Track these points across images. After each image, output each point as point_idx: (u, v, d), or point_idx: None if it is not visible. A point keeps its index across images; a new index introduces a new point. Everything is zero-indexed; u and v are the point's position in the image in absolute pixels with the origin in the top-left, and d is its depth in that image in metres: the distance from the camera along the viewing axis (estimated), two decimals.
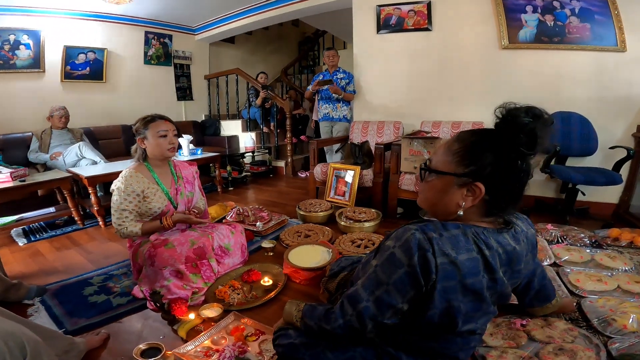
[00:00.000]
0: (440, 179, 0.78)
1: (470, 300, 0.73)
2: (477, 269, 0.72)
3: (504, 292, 0.80)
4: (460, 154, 0.75)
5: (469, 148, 0.74)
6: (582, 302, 1.38)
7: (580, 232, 2.08)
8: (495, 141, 0.72)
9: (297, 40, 7.44)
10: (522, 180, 0.73)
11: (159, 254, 1.62)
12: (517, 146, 0.69)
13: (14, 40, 3.60)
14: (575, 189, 2.57)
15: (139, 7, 4.11)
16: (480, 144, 0.74)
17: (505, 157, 0.71)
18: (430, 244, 0.69)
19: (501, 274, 0.75)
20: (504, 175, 0.72)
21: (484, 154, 0.72)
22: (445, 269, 0.69)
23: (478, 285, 0.72)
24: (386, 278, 0.73)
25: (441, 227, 0.73)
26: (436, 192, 0.79)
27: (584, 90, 2.76)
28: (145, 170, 1.78)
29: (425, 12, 3.27)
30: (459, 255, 0.70)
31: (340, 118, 3.76)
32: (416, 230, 0.71)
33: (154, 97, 4.82)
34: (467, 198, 0.74)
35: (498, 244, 0.75)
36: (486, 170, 0.71)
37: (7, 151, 3.25)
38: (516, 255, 0.78)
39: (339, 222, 2.47)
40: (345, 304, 0.81)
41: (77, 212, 2.79)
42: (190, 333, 1.37)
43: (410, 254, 0.69)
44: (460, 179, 0.74)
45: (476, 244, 0.72)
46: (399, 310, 0.74)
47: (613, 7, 2.59)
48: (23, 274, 1.98)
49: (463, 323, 0.75)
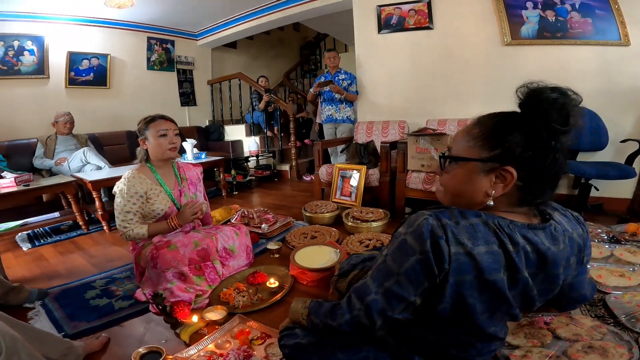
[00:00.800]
0: (463, 167, 0.70)
1: (488, 299, 0.65)
2: (497, 264, 0.63)
3: (530, 297, 0.70)
4: (483, 137, 0.68)
5: (492, 130, 0.67)
6: (607, 298, 1.33)
7: (597, 227, 2.03)
8: (522, 120, 0.65)
9: (298, 45, 7.46)
10: (558, 161, 0.64)
11: (162, 255, 1.58)
12: (548, 123, 0.62)
13: (18, 46, 3.63)
14: (588, 185, 2.52)
15: (140, 12, 4.14)
16: (505, 124, 0.67)
17: (536, 135, 0.63)
18: (443, 231, 0.62)
19: (525, 275, 0.65)
20: (538, 155, 0.63)
21: (511, 134, 0.65)
22: (459, 260, 0.61)
23: (499, 283, 0.63)
24: (396, 267, 0.66)
25: (458, 214, 0.65)
26: (460, 182, 0.71)
27: (590, 85, 2.71)
28: (148, 172, 1.75)
29: (425, 11, 3.25)
30: (477, 246, 0.62)
31: (343, 119, 3.73)
32: (429, 216, 0.64)
33: (158, 103, 4.82)
34: (497, 185, 0.66)
35: (527, 241, 0.66)
36: (515, 151, 0.64)
37: (12, 157, 3.25)
38: (552, 257, 0.68)
39: (346, 222, 2.42)
40: (353, 298, 0.74)
41: (82, 217, 2.77)
42: (194, 337, 1.32)
43: (422, 240, 0.62)
44: (487, 165, 0.66)
45: (498, 237, 0.64)
46: (410, 304, 0.67)
47: (613, 1, 2.57)
48: (25, 278, 1.95)
49: (482, 325, 0.67)
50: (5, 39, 3.54)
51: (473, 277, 0.62)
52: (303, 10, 4.11)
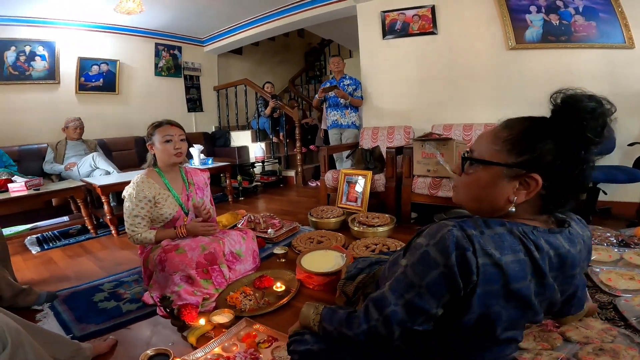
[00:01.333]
0: (486, 171, 0.68)
1: (514, 307, 0.64)
2: (524, 272, 0.62)
3: (554, 300, 0.69)
4: (511, 141, 0.65)
5: (522, 135, 0.65)
6: (617, 302, 1.33)
7: (606, 231, 2.02)
8: (555, 128, 0.63)
9: (303, 51, 7.53)
10: (585, 173, 0.63)
11: (170, 259, 1.59)
12: (583, 132, 0.60)
13: (30, 51, 3.69)
14: (596, 189, 2.50)
15: (149, 18, 4.21)
16: (536, 131, 0.64)
17: (568, 145, 0.61)
18: (470, 242, 0.60)
19: (551, 280, 0.65)
20: (567, 164, 0.62)
21: (542, 141, 0.62)
22: (487, 271, 0.60)
23: (525, 291, 0.62)
24: (418, 280, 0.64)
25: (482, 224, 0.64)
26: (481, 186, 0.69)
27: (596, 88, 2.61)
28: (156, 176, 1.77)
29: (429, 16, 3.28)
30: (504, 256, 0.60)
31: (348, 125, 3.74)
32: (454, 227, 0.62)
33: (165, 109, 4.87)
34: (520, 192, 0.65)
35: (549, 245, 0.65)
36: (545, 159, 0.62)
37: (22, 162, 3.30)
38: (571, 259, 0.68)
39: (352, 227, 2.41)
40: (371, 308, 0.72)
41: (91, 221, 2.80)
42: (200, 340, 1.32)
43: (447, 253, 0.60)
44: (512, 170, 0.64)
45: (524, 245, 0.62)
46: (432, 317, 0.65)
47: (616, 4, 2.58)
48: (34, 281, 1.97)
49: (503, 330, 0.66)
50: (17, 44, 3.61)
51: (500, 286, 0.61)
52: (308, 17, 4.16)
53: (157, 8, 3.92)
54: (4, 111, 3.60)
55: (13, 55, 3.60)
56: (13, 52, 3.59)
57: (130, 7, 3.44)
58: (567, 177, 0.63)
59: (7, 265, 1.75)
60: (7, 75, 3.59)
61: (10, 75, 3.61)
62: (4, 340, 0.85)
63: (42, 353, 0.96)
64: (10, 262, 1.81)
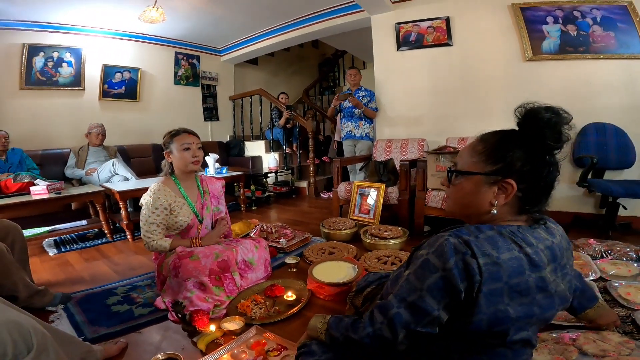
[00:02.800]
0: (469, 180, 0.77)
1: (521, 304, 0.67)
2: (522, 267, 0.67)
3: (561, 294, 0.74)
4: (486, 153, 0.75)
5: (495, 146, 0.75)
6: (636, 315, 1.32)
7: (626, 246, 1.98)
8: (520, 138, 0.73)
9: (317, 62, 7.63)
10: (552, 174, 0.72)
11: (184, 265, 1.61)
12: (543, 140, 0.70)
13: (57, 57, 3.84)
14: (616, 203, 2.44)
15: (170, 27, 4.35)
16: (506, 142, 0.74)
17: (533, 152, 0.71)
18: (467, 247, 0.66)
19: (550, 271, 0.71)
20: (535, 169, 0.71)
21: (511, 150, 0.72)
22: (489, 270, 0.64)
23: (524, 285, 0.67)
24: (420, 284, 0.69)
25: (475, 230, 0.70)
26: (466, 193, 0.78)
27: (616, 100, 2.66)
28: (173, 184, 1.81)
29: (444, 28, 3.28)
30: (501, 254, 0.66)
31: (362, 136, 3.73)
32: (449, 236, 0.68)
33: (183, 117, 4.99)
34: (500, 196, 0.73)
35: (536, 239, 0.72)
36: (516, 166, 0.71)
37: (45, 166, 3.42)
38: (558, 249, 0.75)
39: (364, 239, 2.39)
40: (375, 313, 0.76)
41: (108, 226, 2.86)
42: (210, 346, 1.32)
43: (445, 258, 0.66)
44: (490, 177, 0.74)
45: (515, 242, 0.69)
46: (435, 319, 0.69)
47: (634, 14, 2.55)
48: (50, 283, 2.01)
49: (515, 331, 0.68)
50: (45, 50, 3.75)
51: (503, 283, 0.65)
52: (323, 28, 4.23)
53: (178, 18, 4.06)
54: (30, 116, 3.74)
55: (41, 61, 3.73)
56: (42, 58, 3.73)
57: (153, 16, 3.57)
58: (537, 180, 0.72)
59: (26, 266, 1.79)
60: (35, 80, 3.72)
61: (37, 81, 3.74)
62: (29, 344, 0.85)
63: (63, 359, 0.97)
64: (29, 264, 1.85)
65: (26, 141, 3.55)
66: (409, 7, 3.47)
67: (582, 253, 1.99)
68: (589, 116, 2.69)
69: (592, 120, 2.68)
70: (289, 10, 4.15)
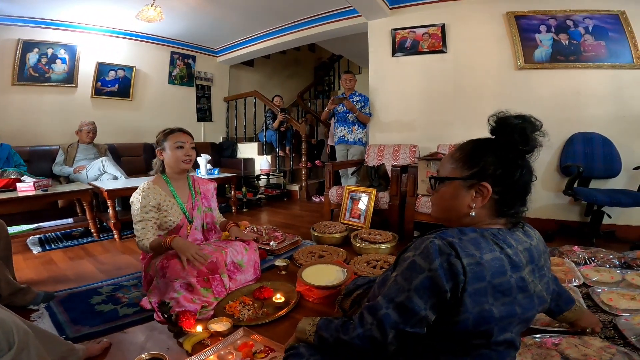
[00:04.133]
0: (449, 186, 0.82)
1: (503, 304, 0.70)
2: (503, 268, 0.70)
3: (539, 294, 0.77)
4: (463, 159, 0.81)
5: (470, 153, 0.80)
6: (617, 321, 1.36)
7: (609, 253, 2.04)
8: (493, 144, 0.79)
9: (313, 65, 7.65)
10: (524, 177, 0.77)
11: (172, 265, 1.59)
12: (513, 145, 0.75)
13: (52, 54, 3.78)
14: (600, 212, 2.50)
15: (166, 26, 4.32)
16: (481, 148, 0.80)
17: (504, 155, 0.76)
18: (451, 248, 0.69)
19: (528, 272, 0.75)
20: (507, 172, 0.76)
21: (485, 156, 0.78)
22: (473, 270, 0.67)
23: (506, 284, 0.70)
24: (407, 284, 0.72)
25: (458, 232, 0.74)
26: (447, 198, 0.83)
27: (603, 109, 2.73)
28: (163, 183, 1.79)
29: (439, 35, 3.33)
30: (484, 255, 0.69)
31: (355, 141, 3.74)
32: (434, 238, 0.72)
33: (176, 117, 4.95)
34: (477, 199, 0.77)
35: (516, 241, 0.76)
36: (489, 170, 0.76)
37: (33, 162, 3.35)
38: (536, 251, 0.79)
39: (354, 243, 2.40)
40: (365, 314, 0.77)
41: (94, 225, 2.82)
42: (196, 347, 1.30)
43: (431, 259, 0.69)
44: (467, 182, 0.78)
45: (496, 244, 0.73)
46: (423, 319, 0.71)
47: (626, 23, 2.61)
48: (33, 281, 1.97)
49: (499, 331, 0.70)
50: (40, 46, 3.70)
51: (487, 283, 0.68)
52: (319, 32, 4.25)
53: (175, 17, 4.04)
54: (20, 111, 3.68)
55: (35, 57, 3.68)
56: (35, 54, 3.68)
57: (151, 15, 3.55)
58: (510, 182, 0.76)
59: (9, 264, 1.75)
60: (27, 76, 3.67)
61: (30, 77, 3.69)
62: (10, 341, 0.84)
63: (45, 357, 0.96)
64: (12, 261, 1.81)
65: (15, 137, 3.48)
66: (405, 14, 3.52)
67: (566, 259, 2.02)
68: (577, 125, 2.76)
69: (580, 129, 2.74)
70: (286, 13, 4.17)
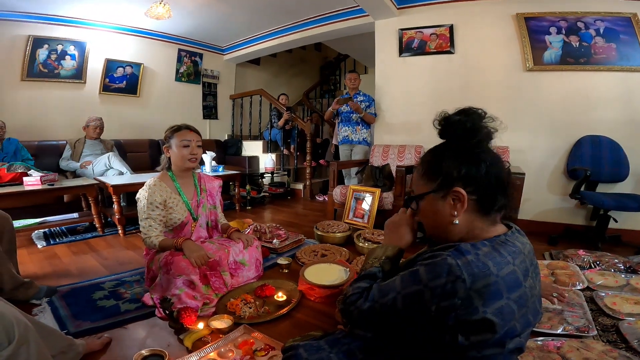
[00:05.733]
0: (425, 202, 0.80)
1: (522, 315, 0.67)
2: (518, 280, 0.68)
3: (538, 295, 0.76)
4: (426, 173, 0.80)
5: (430, 163, 0.79)
6: (620, 324, 1.35)
7: (614, 257, 2.02)
8: (446, 147, 0.78)
9: (318, 65, 7.64)
10: (493, 170, 0.73)
11: (176, 262, 1.59)
12: (459, 140, 0.74)
13: (61, 50, 3.82)
14: (606, 216, 2.47)
15: (174, 24, 4.34)
16: (437, 155, 0.78)
17: (459, 154, 0.74)
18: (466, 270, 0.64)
19: (532, 275, 0.72)
20: (471, 170, 0.73)
21: (443, 161, 0.75)
22: (490, 291, 0.64)
23: (524, 297, 0.68)
24: (400, 287, 0.72)
25: (472, 247, 0.69)
26: (429, 214, 0.81)
27: (612, 113, 2.69)
28: (169, 180, 1.79)
29: (447, 35, 3.30)
30: (500, 271, 0.66)
31: (359, 141, 3.72)
32: (449, 255, 0.67)
33: (182, 114, 4.95)
34: (456, 206, 0.74)
35: (522, 245, 0.74)
36: (453, 173, 0.74)
37: (40, 157, 3.38)
38: (533, 252, 0.78)
39: (357, 243, 2.38)
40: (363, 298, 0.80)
41: (99, 220, 2.83)
42: (197, 344, 1.30)
43: (434, 276, 0.66)
44: (439, 192, 0.76)
45: (508, 253, 0.69)
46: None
47: (637, 26, 2.57)
48: (36, 275, 1.98)
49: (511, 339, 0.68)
50: (50, 42, 3.74)
51: (505, 299, 0.65)
52: (326, 31, 4.23)
53: (183, 14, 4.05)
54: (28, 106, 3.71)
55: (45, 53, 3.72)
56: (45, 50, 3.72)
57: (160, 12, 3.57)
58: (480, 178, 0.73)
59: (13, 257, 1.76)
60: (37, 72, 3.71)
61: (39, 73, 3.73)
62: (11, 335, 0.84)
63: (45, 352, 0.96)
64: (16, 255, 1.82)
65: (23, 132, 3.51)
66: (413, 14, 3.49)
67: (570, 263, 2.01)
68: (585, 128, 2.72)
69: (588, 132, 2.71)
70: (293, 12, 4.16)
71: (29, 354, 0.88)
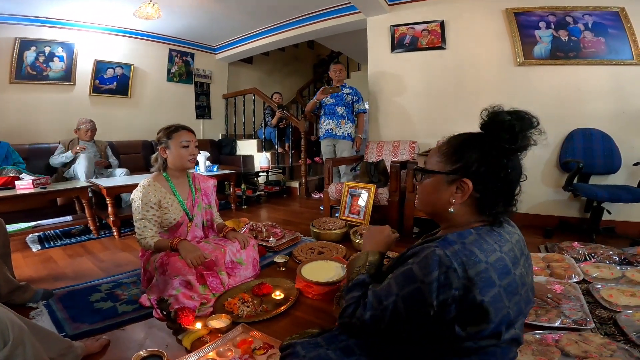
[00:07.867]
0: (431, 179, 0.81)
1: (515, 303, 0.69)
2: (507, 267, 0.69)
3: (530, 285, 0.77)
4: (448, 153, 0.78)
5: (456, 147, 0.78)
6: (617, 317, 1.35)
7: (609, 249, 2.04)
8: (480, 140, 0.75)
9: (312, 62, 7.62)
10: (509, 178, 0.73)
11: (172, 262, 1.59)
12: (498, 142, 0.71)
13: (49, 52, 3.77)
14: (600, 208, 2.49)
15: (165, 24, 4.30)
16: (466, 143, 0.77)
17: (489, 153, 0.73)
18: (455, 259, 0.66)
19: (523, 264, 0.74)
20: (490, 171, 0.73)
21: (469, 151, 0.74)
22: (483, 278, 0.65)
23: (513, 284, 0.69)
24: (397, 289, 0.72)
25: (458, 236, 0.72)
26: (428, 191, 0.82)
27: (603, 105, 2.72)
28: (163, 181, 1.78)
29: (438, 31, 3.31)
30: (489, 257, 0.68)
31: (343, 135, 3.57)
32: (436, 247, 0.69)
33: (174, 115, 4.90)
34: (457, 195, 0.76)
35: (509, 235, 0.76)
36: (472, 167, 0.73)
37: (31, 160, 3.33)
38: (522, 241, 0.79)
39: (354, 240, 2.40)
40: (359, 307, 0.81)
41: (94, 222, 2.81)
42: (195, 344, 1.30)
43: (428, 271, 0.67)
44: (449, 177, 0.76)
45: (495, 242, 0.71)
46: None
47: (625, 20, 2.60)
48: (32, 279, 1.96)
49: (506, 330, 0.69)
50: (37, 44, 3.68)
51: (498, 287, 0.67)
52: (318, 29, 4.22)
53: (173, 14, 4.01)
54: (18, 109, 3.66)
55: (33, 55, 3.67)
56: (33, 52, 3.67)
57: (149, 12, 3.53)
58: (492, 181, 0.73)
59: (7, 262, 1.74)
60: (25, 74, 3.66)
61: (27, 75, 3.68)
62: (6, 337, 0.84)
63: (41, 353, 0.95)
64: (11, 259, 1.81)
65: (13, 135, 3.47)
66: (404, 10, 3.50)
67: (566, 256, 2.02)
68: (577, 121, 2.75)
69: (580, 125, 2.74)
70: (285, 10, 4.14)
71: (25, 355, 0.88)
